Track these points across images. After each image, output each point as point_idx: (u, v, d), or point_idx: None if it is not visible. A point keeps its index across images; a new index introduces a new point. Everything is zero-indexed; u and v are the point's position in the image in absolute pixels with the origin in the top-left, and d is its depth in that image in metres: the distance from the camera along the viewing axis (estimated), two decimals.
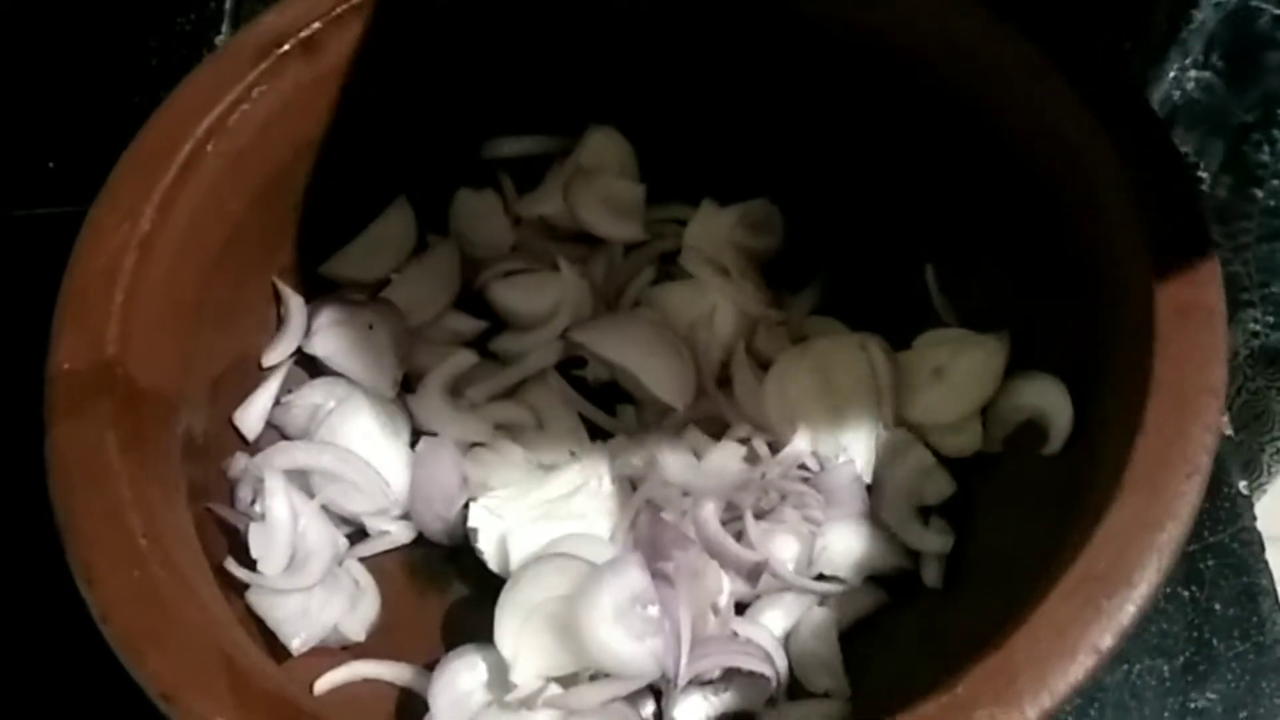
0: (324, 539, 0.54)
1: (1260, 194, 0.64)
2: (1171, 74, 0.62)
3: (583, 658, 0.50)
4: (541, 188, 0.63)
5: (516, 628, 0.51)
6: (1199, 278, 0.47)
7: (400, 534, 0.57)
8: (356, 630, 0.54)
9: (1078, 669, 0.40)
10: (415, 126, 0.60)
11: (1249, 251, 0.67)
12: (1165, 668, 0.57)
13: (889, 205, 0.60)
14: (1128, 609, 0.41)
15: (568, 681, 0.51)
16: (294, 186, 0.57)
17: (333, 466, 0.55)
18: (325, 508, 0.55)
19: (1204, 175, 0.65)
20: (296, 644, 0.52)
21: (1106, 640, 0.40)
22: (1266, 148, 0.62)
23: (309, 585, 0.52)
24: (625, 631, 0.50)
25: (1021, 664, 0.40)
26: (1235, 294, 0.68)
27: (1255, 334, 0.70)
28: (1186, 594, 0.58)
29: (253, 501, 0.54)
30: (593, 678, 0.51)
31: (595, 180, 0.62)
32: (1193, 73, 0.61)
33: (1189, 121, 0.64)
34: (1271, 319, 0.69)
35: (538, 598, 0.51)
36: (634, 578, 0.51)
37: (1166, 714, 0.55)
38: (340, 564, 0.55)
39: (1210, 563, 0.59)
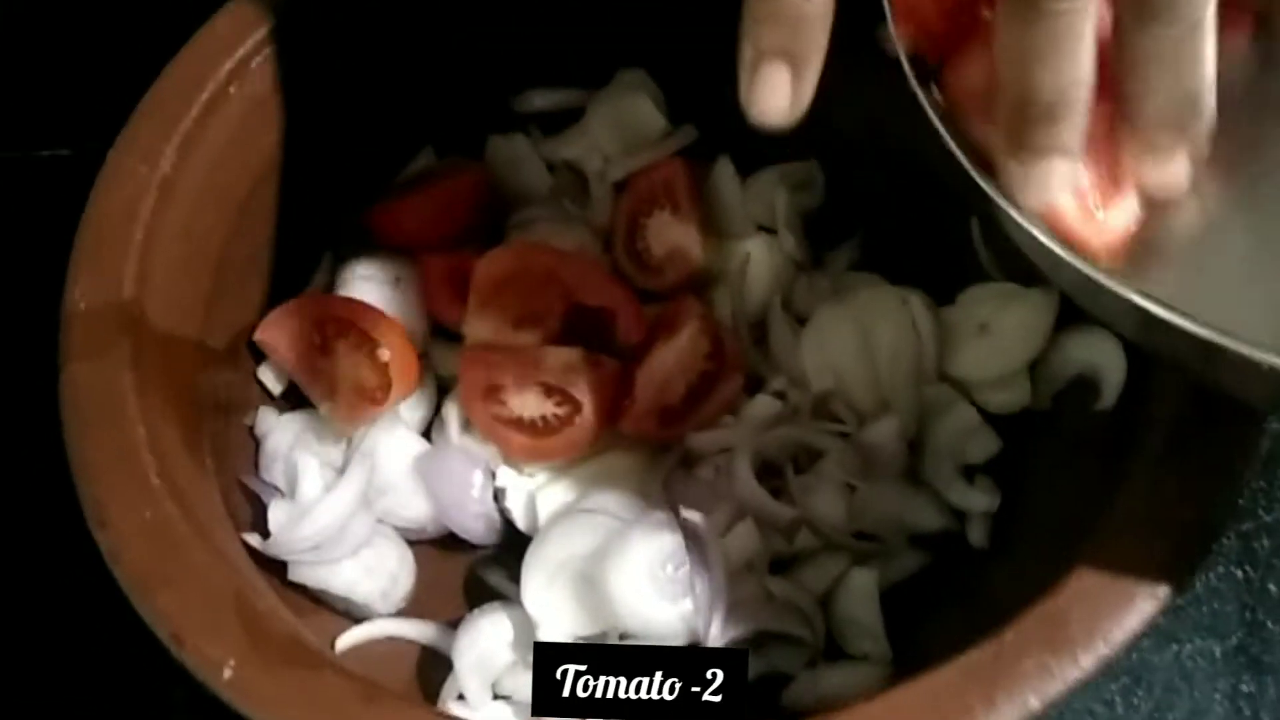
0: (358, 520, 0.52)
1: None
2: None
3: (610, 618, 0.49)
4: (569, 131, 0.62)
5: (543, 585, 0.50)
6: None
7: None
8: (389, 609, 0.53)
9: (1135, 616, 0.38)
10: (442, 75, 0.59)
11: None
12: (1216, 649, 0.55)
13: (931, 156, 0.58)
14: (1190, 552, 0.38)
15: (595, 641, 0.49)
16: (319, 135, 0.55)
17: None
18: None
19: None
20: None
21: (1165, 587, 0.38)
22: None
23: (338, 559, 0.51)
24: (655, 592, 0.48)
25: (1074, 610, 0.38)
26: None
27: None
28: (1240, 574, 0.57)
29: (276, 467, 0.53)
30: (621, 638, 0.49)
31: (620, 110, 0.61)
32: None
33: None
34: None
35: (565, 555, 0.50)
36: (665, 537, 0.49)
37: (1217, 695, 0.54)
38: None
39: (1265, 542, 0.57)
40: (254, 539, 0.50)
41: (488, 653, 0.50)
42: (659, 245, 0.58)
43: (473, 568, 0.55)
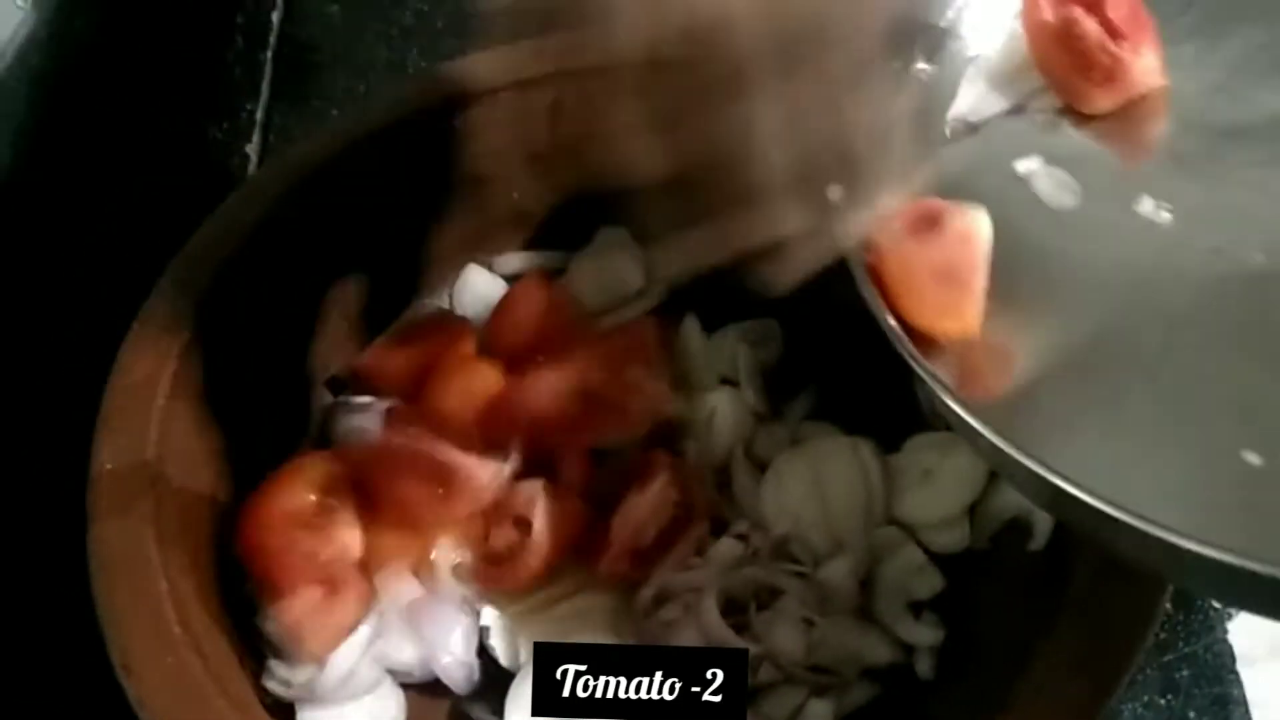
0: (365, 666, 0.55)
1: None
2: None
3: None
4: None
5: None
6: None
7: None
8: None
9: None
10: (427, 240, 0.64)
11: None
12: None
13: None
14: (1111, 685, 0.43)
15: None
16: (318, 298, 0.60)
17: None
18: None
19: None
20: None
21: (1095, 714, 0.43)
22: None
23: (343, 704, 0.54)
24: None
25: None
26: None
27: None
28: (1163, 702, 0.61)
29: None
30: None
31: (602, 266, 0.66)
32: None
33: None
34: None
35: None
36: None
37: None
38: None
39: (1185, 672, 0.61)
40: (277, 668, 0.53)
41: None
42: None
43: (457, 704, 0.58)
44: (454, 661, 0.56)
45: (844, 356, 0.64)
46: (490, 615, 0.58)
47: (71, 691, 0.58)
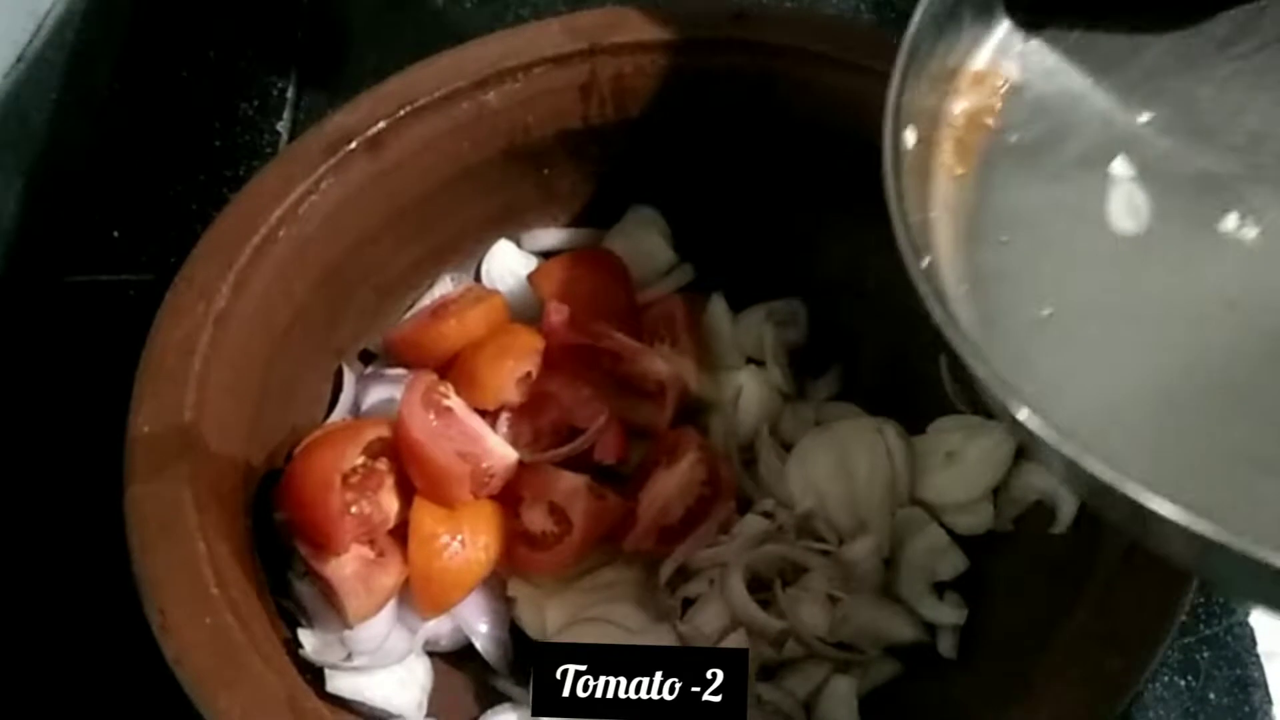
0: (398, 634, 0.56)
1: None
2: None
3: None
4: None
5: None
6: None
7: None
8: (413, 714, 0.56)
9: None
10: (459, 215, 0.65)
11: None
12: None
13: (906, 300, 0.64)
14: (1139, 666, 0.44)
15: None
16: (351, 269, 0.61)
17: None
18: None
19: None
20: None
21: (1118, 699, 0.44)
22: None
23: (374, 670, 0.55)
24: None
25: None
26: None
27: None
28: (1183, 683, 0.61)
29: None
30: None
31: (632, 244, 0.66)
32: None
33: None
34: None
35: None
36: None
37: None
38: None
39: (1205, 654, 0.62)
40: (305, 637, 0.54)
41: None
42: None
43: (483, 674, 0.59)
44: (488, 636, 0.57)
45: (868, 338, 0.65)
46: (517, 586, 0.58)
47: (107, 650, 0.59)
